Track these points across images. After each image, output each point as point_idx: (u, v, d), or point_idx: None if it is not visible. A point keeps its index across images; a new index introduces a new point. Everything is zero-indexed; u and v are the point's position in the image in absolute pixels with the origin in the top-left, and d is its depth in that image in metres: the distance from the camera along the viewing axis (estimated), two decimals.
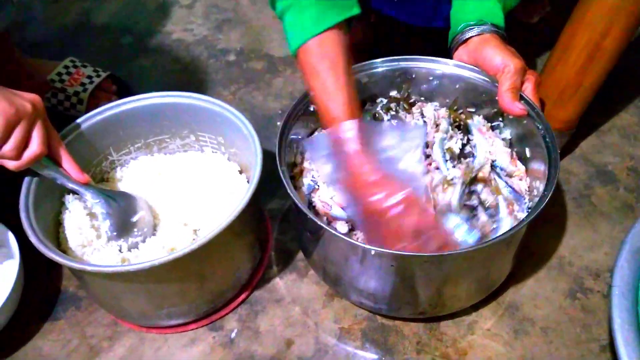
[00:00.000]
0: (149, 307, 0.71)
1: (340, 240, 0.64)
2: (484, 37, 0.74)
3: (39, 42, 1.28)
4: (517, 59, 0.71)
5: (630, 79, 1.10)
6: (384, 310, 0.75)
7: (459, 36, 0.76)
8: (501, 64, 0.71)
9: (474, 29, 0.74)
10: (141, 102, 0.81)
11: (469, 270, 0.67)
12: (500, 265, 0.72)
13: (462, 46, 0.76)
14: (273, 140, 0.72)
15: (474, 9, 0.76)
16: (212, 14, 1.34)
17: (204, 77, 1.17)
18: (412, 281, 0.66)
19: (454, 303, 0.73)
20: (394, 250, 0.64)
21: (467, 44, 0.76)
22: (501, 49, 0.72)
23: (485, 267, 0.69)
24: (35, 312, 0.80)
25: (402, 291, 0.68)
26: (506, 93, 0.71)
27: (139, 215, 0.75)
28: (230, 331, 0.77)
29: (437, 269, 0.64)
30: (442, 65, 0.79)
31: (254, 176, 0.69)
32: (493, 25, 0.74)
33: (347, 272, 0.70)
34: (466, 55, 0.76)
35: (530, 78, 0.73)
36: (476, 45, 0.75)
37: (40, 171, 0.69)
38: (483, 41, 0.74)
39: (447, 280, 0.67)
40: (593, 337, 0.74)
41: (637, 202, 0.90)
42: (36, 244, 0.64)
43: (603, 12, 0.77)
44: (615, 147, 0.98)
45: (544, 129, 0.70)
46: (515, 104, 0.71)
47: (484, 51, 0.73)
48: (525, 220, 0.63)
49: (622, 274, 0.65)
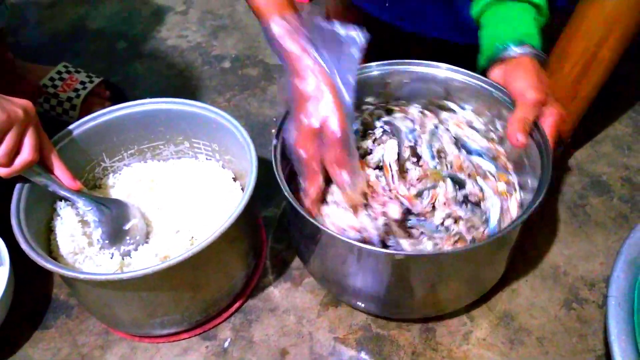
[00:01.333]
0: (142, 315, 0.70)
1: (337, 240, 0.64)
2: (520, 59, 0.72)
3: (32, 46, 1.27)
4: (537, 91, 0.69)
5: (624, 89, 1.11)
6: (380, 311, 0.75)
7: (498, 55, 0.74)
8: (520, 91, 0.70)
9: (512, 49, 0.73)
10: (135, 108, 0.80)
11: (462, 269, 0.67)
12: (492, 267, 0.72)
13: (500, 65, 0.75)
14: (268, 147, 0.71)
15: (511, 30, 0.75)
16: (207, 20, 1.34)
17: (198, 83, 1.17)
18: (407, 280, 0.66)
19: (448, 304, 0.73)
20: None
21: (505, 63, 0.74)
22: (530, 75, 0.70)
23: (478, 267, 0.69)
24: (26, 320, 0.79)
25: (398, 290, 0.68)
26: (513, 122, 0.70)
27: (131, 223, 0.74)
28: (223, 341, 0.76)
29: (432, 266, 0.65)
30: (427, 68, 0.79)
31: (249, 183, 0.68)
32: (534, 49, 0.73)
33: (344, 273, 0.69)
34: (500, 75, 0.75)
35: (553, 112, 0.70)
36: (512, 66, 0.73)
37: (31, 178, 0.68)
38: (518, 63, 0.72)
39: (441, 278, 0.67)
40: (589, 348, 0.74)
41: (632, 212, 0.90)
42: (27, 251, 0.63)
43: (599, 23, 0.78)
44: (609, 157, 0.99)
45: (544, 144, 0.68)
46: (516, 134, 0.69)
47: (514, 73, 0.72)
48: (518, 220, 0.63)
49: (618, 285, 0.65)
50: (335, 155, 0.66)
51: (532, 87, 0.70)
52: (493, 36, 0.77)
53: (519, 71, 0.72)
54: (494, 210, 0.71)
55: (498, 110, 0.76)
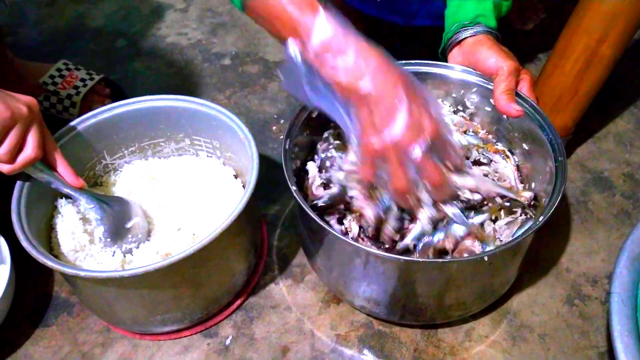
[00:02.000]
0: (143, 313, 0.69)
1: (345, 243, 0.63)
2: (478, 38, 0.74)
3: (32, 44, 1.27)
4: (510, 59, 0.71)
5: (625, 85, 1.10)
6: (384, 314, 0.74)
7: (453, 37, 0.76)
8: (495, 66, 0.72)
9: (467, 29, 0.75)
10: (135, 105, 0.80)
11: (472, 278, 0.66)
12: (505, 274, 0.71)
13: (457, 47, 0.77)
14: (269, 144, 0.71)
15: (467, 10, 0.76)
16: (206, 17, 1.33)
17: (198, 80, 1.16)
18: (414, 285, 0.66)
19: (456, 311, 0.72)
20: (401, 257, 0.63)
21: (461, 45, 0.76)
22: (495, 50, 0.72)
23: (490, 275, 0.68)
24: (27, 317, 0.79)
25: (405, 296, 0.68)
26: (502, 95, 0.71)
27: (133, 221, 0.74)
28: (225, 338, 0.76)
29: (440, 274, 0.63)
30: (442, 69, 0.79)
31: (250, 180, 0.68)
32: (487, 27, 0.75)
33: (350, 275, 0.69)
34: (460, 56, 0.76)
35: (525, 77, 0.73)
36: (470, 46, 0.75)
37: (34, 175, 0.68)
38: (477, 42, 0.74)
39: (449, 286, 0.66)
40: (591, 344, 0.74)
41: (634, 209, 0.90)
42: (28, 249, 0.63)
43: (600, 19, 0.77)
44: (611, 154, 0.98)
45: (545, 125, 0.70)
46: (511, 105, 0.71)
47: (478, 52, 0.74)
48: (532, 227, 0.62)
49: (621, 281, 0.64)
50: (456, 164, 0.63)
51: (504, 58, 0.71)
52: (452, 17, 0.78)
53: (482, 48, 0.73)
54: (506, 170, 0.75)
55: (461, 91, 0.79)
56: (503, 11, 0.79)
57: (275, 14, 0.60)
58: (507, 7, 0.80)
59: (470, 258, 0.64)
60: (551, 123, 0.70)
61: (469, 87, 0.78)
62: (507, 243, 0.63)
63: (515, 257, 0.69)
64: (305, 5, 0.58)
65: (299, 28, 0.58)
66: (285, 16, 0.59)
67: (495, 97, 0.72)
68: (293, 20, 0.58)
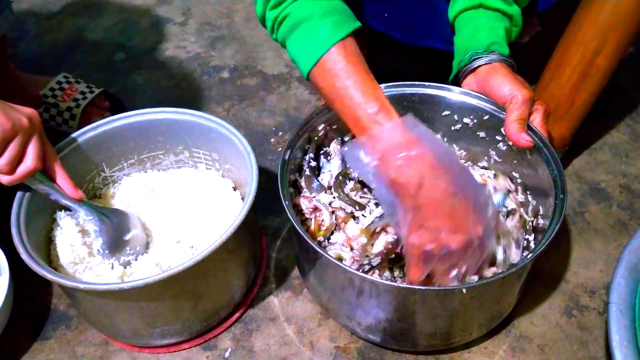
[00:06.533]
0: (142, 325, 0.69)
1: (338, 268, 0.63)
2: (493, 65, 0.73)
3: (32, 57, 1.28)
4: (525, 89, 0.70)
5: (621, 96, 1.11)
6: (385, 343, 0.73)
7: (468, 65, 0.75)
8: (509, 94, 0.71)
9: (482, 57, 0.74)
10: (134, 118, 0.80)
11: (474, 305, 0.65)
12: (509, 297, 0.71)
13: (471, 75, 0.76)
14: (267, 156, 0.72)
15: (481, 38, 0.76)
16: (205, 31, 1.34)
17: (197, 93, 1.17)
18: (412, 316, 0.65)
19: (457, 338, 0.71)
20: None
21: (475, 72, 0.75)
22: (510, 78, 0.71)
23: (494, 300, 0.68)
24: (25, 330, 0.78)
25: (403, 325, 0.67)
26: (513, 124, 0.70)
27: (132, 233, 0.74)
28: (224, 350, 0.76)
29: (442, 303, 0.63)
30: (450, 93, 0.78)
31: (249, 193, 0.68)
32: (501, 55, 0.74)
33: (343, 300, 0.68)
34: (475, 83, 0.76)
35: (539, 108, 0.72)
36: (485, 74, 0.74)
37: (34, 186, 0.68)
38: (492, 70, 0.73)
39: (452, 315, 0.65)
40: (590, 355, 0.74)
41: (631, 219, 0.90)
42: (27, 261, 0.63)
43: (596, 31, 0.78)
44: (607, 165, 0.99)
45: (552, 160, 0.69)
46: (521, 135, 0.70)
47: (492, 80, 0.73)
48: (535, 251, 0.63)
49: (619, 291, 0.65)
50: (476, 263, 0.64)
51: (518, 87, 0.70)
52: (464, 44, 0.78)
53: (496, 76, 0.72)
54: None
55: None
56: (513, 36, 0.79)
57: (339, 98, 0.65)
58: (516, 32, 0.79)
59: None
60: (559, 161, 0.68)
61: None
62: (507, 270, 0.63)
63: (517, 280, 0.69)
64: (379, 111, 0.63)
65: (364, 124, 0.63)
66: (350, 105, 0.64)
67: (506, 125, 0.71)
68: (358, 116, 0.64)
